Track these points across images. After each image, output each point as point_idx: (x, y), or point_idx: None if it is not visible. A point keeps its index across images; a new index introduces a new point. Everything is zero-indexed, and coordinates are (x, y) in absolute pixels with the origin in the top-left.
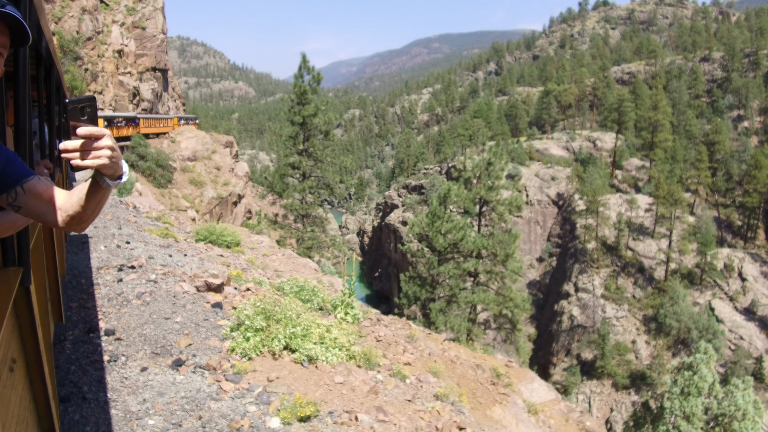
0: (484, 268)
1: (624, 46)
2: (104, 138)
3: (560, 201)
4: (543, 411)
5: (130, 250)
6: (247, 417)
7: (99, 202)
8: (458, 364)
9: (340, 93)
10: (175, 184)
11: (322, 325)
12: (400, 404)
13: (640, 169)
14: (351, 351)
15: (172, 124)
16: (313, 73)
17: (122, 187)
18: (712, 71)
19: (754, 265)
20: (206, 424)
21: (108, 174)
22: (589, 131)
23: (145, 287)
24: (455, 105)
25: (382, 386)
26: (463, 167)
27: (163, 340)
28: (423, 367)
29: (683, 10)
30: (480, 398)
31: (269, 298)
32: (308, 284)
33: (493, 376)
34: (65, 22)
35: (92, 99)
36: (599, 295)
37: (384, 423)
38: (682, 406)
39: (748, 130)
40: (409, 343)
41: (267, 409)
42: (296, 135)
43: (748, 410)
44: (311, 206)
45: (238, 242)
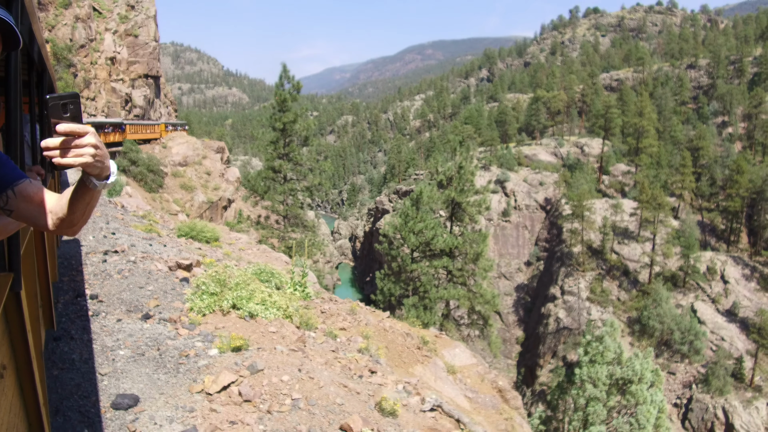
0: (456, 266)
1: (613, 54)
2: (87, 136)
3: (548, 206)
4: (461, 372)
5: (115, 239)
6: (194, 349)
7: (88, 204)
8: (390, 332)
9: (334, 99)
10: (166, 188)
11: (265, 291)
12: (323, 351)
13: (626, 174)
14: (288, 311)
15: (159, 130)
16: (293, 82)
17: (112, 188)
18: (698, 78)
19: (736, 268)
20: (163, 353)
21: (94, 174)
22: (577, 137)
23: (125, 266)
24: (447, 111)
25: (312, 339)
26: (436, 171)
27: (136, 302)
28: (356, 332)
29: (672, 18)
30: (404, 359)
31: (225, 272)
32: (268, 268)
33: (421, 342)
34: (59, 29)
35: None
36: (585, 297)
37: (296, 353)
38: (590, 372)
39: (732, 136)
40: (349, 315)
41: (210, 345)
42: (277, 140)
43: (645, 375)
44: (292, 207)
45: (217, 238)
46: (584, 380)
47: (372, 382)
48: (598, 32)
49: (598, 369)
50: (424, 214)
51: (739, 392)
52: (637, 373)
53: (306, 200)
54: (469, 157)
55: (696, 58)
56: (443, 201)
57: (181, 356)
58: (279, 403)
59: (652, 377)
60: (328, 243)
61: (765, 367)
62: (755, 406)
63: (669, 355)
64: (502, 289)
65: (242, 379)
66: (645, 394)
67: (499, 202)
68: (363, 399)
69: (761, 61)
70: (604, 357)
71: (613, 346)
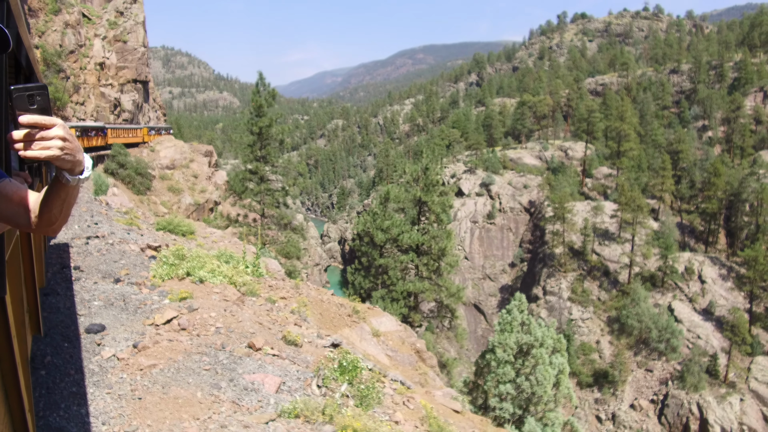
0: (422, 261)
1: (599, 59)
2: (54, 128)
3: (532, 208)
4: (385, 336)
5: (97, 228)
6: (151, 300)
7: (65, 201)
8: (326, 303)
9: (325, 103)
10: (154, 191)
11: (215, 263)
12: (257, 309)
13: (608, 177)
14: (233, 279)
15: (142, 135)
16: (269, 89)
17: (98, 188)
18: (680, 83)
19: (713, 268)
20: (127, 303)
21: (66, 168)
22: (562, 141)
23: (103, 247)
24: (436, 115)
25: (252, 302)
26: (404, 171)
27: (110, 271)
28: (295, 300)
29: (658, 23)
30: (335, 323)
31: (184, 249)
32: (229, 252)
33: (352, 311)
34: (48, 35)
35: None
36: (566, 297)
37: (227, 302)
38: (500, 339)
39: (711, 140)
40: (293, 289)
41: (164, 298)
42: (254, 143)
43: (546, 341)
44: (268, 206)
45: (193, 231)
46: (496, 346)
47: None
48: (586, 37)
49: (507, 336)
50: (391, 212)
51: (713, 388)
52: (539, 339)
53: (282, 200)
54: (435, 159)
55: (679, 63)
56: (410, 200)
57: (140, 305)
58: (206, 330)
59: (553, 344)
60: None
61: (738, 363)
62: (729, 402)
63: (647, 353)
64: (487, 290)
65: (182, 316)
66: (544, 357)
67: (484, 204)
68: (273, 333)
69: (741, 67)
70: (512, 326)
71: (519, 317)
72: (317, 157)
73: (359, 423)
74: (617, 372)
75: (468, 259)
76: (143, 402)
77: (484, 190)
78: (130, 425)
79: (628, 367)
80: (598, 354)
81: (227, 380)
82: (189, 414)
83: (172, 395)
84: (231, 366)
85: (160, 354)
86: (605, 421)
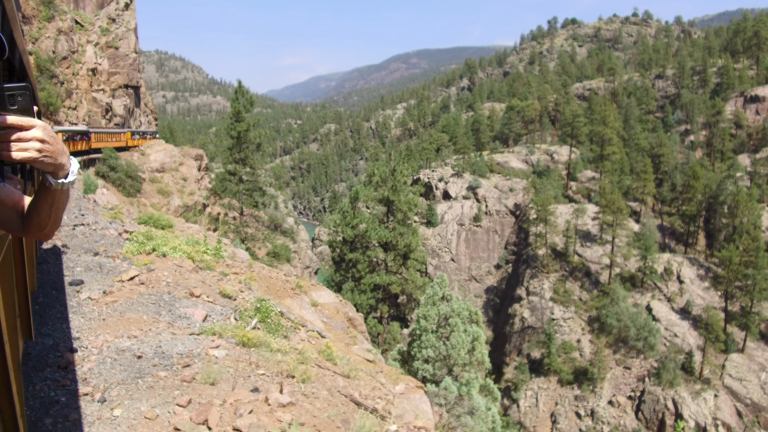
0: (389, 257)
1: (587, 64)
2: (33, 129)
3: (517, 211)
4: (322, 306)
5: (83, 218)
6: (121, 267)
7: (52, 206)
8: (274, 279)
9: (318, 108)
10: (144, 193)
11: (176, 240)
12: (208, 277)
13: (591, 180)
14: (191, 255)
15: (125, 139)
16: (247, 96)
17: (87, 187)
18: (665, 88)
19: (691, 269)
20: (102, 268)
21: (48, 171)
22: (548, 145)
23: (87, 231)
24: (427, 120)
25: (205, 272)
26: (373, 173)
27: (91, 248)
28: (246, 275)
29: (647, 29)
30: (279, 294)
31: (153, 232)
32: (196, 238)
33: (295, 286)
34: (42, 42)
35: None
36: (548, 298)
37: (185, 272)
38: (424, 312)
39: (693, 144)
40: (247, 268)
41: (131, 264)
42: (233, 147)
43: (462, 312)
44: (246, 205)
45: (171, 225)
46: (420, 318)
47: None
48: (576, 42)
49: (429, 309)
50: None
51: (689, 384)
52: (455, 310)
53: (260, 199)
54: (402, 161)
55: (664, 69)
56: (378, 199)
57: (112, 269)
58: (158, 283)
59: (470, 315)
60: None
61: (714, 360)
62: (703, 397)
63: (626, 351)
64: (473, 291)
65: (142, 275)
66: (459, 325)
67: (471, 207)
68: (213, 289)
69: (723, 72)
70: (434, 300)
71: (440, 293)
72: (310, 161)
73: (254, 336)
74: (596, 369)
75: (454, 261)
76: (106, 321)
77: (470, 194)
78: (95, 333)
79: (607, 364)
80: (578, 352)
81: (167, 311)
82: (136, 327)
83: (126, 317)
84: (171, 303)
85: (121, 296)
86: (584, 417)
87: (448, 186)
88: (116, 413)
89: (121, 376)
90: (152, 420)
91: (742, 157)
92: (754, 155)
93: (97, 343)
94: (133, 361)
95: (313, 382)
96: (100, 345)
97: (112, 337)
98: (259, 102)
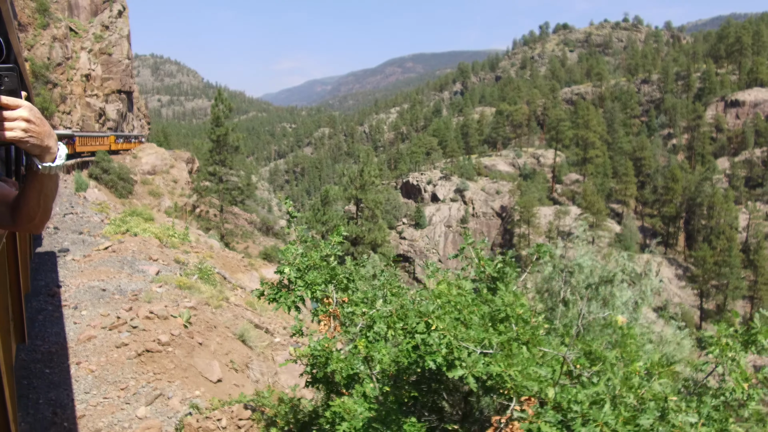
0: (357, 250)
1: (576, 69)
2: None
3: (503, 213)
4: (268, 279)
5: (73, 210)
6: (99, 241)
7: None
8: (230, 258)
9: (313, 111)
10: (136, 195)
11: (149, 226)
12: (171, 252)
13: (575, 183)
14: (158, 235)
15: (108, 143)
16: (226, 102)
17: (78, 186)
18: (651, 92)
19: (670, 268)
20: (84, 242)
21: (35, 153)
22: (535, 148)
23: (75, 218)
24: (419, 124)
25: (169, 249)
26: (343, 173)
27: (77, 229)
28: (204, 253)
29: (637, 34)
30: (233, 270)
31: (127, 217)
32: (167, 225)
33: (248, 264)
34: (37, 49)
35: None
36: (531, 297)
37: (147, 242)
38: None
39: (675, 147)
40: (208, 249)
41: (108, 240)
42: (213, 149)
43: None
44: (225, 203)
45: (152, 218)
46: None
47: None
48: (567, 48)
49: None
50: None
51: None
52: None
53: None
54: (370, 162)
55: (650, 74)
56: (347, 198)
57: (92, 243)
58: (126, 252)
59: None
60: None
61: None
62: None
63: None
64: None
65: (114, 245)
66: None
67: (458, 209)
68: (170, 257)
69: (705, 77)
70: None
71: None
72: (304, 164)
73: (190, 283)
74: None
75: (441, 262)
76: (83, 272)
77: (458, 196)
78: (75, 278)
79: None
80: None
81: (129, 267)
82: (105, 276)
83: (98, 270)
84: (133, 263)
85: (96, 258)
86: None
87: (436, 189)
88: (83, 313)
89: (90, 298)
90: (105, 316)
91: (722, 160)
92: (734, 158)
93: (75, 283)
94: (99, 292)
95: (223, 309)
96: (77, 284)
97: (87, 280)
98: (255, 106)
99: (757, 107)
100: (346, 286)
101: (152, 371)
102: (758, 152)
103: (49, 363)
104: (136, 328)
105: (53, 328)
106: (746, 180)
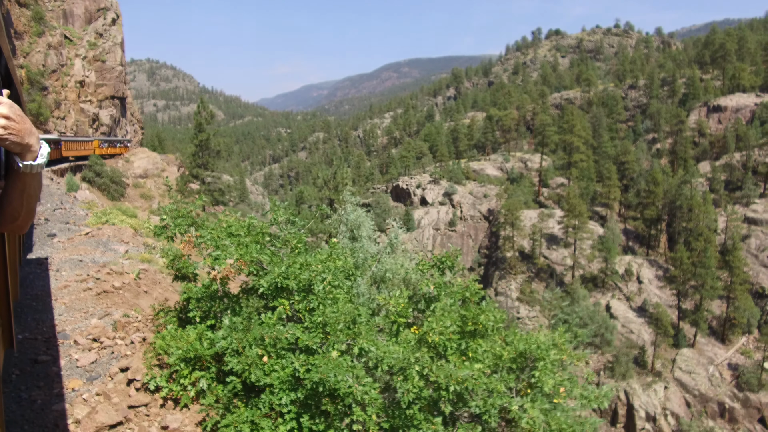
0: None
1: (566, 74)
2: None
3: (490, 216)
4: None
5: (62, 205)
6: (82, 229)
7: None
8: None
9: (309, 116)
10: (128, 197)
11: (124, 216)
12: (143, 239)
13: (561, 187)
14: (132, 225)
15: (93, 147)
16: (208, 110)
17: (70, 187)
18: (638, 98)
19: (650, 270)
20: (70, 229)
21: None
22: (523, 153)
23: (64, 213)
24: (412, 129)
25: (143, 237)
26: (317, 176)
27: (65, 221)
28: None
29: (628, 40)
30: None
31: (108, 209)
32: (144, 219)
33: None
34: (32, 56)
35: None
36: (515, 298)
37: (125, 233)
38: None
39: (659, 152)
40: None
41: (89, 228)
42: (195, 153)
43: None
44: (207, 203)
45: (136, 216)
46: None
47: None
48: (559, 53)
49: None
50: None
51: (641, 377)
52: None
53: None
54: (343, 165)
55: (637, 79)
56: (321, 198)
57: (76, 230)
58: (103, 236)
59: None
60: None
61: (665, 355)
62: (654, 389)
63: (584, 346)
64: None
65: (94, 231)
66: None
67: (446, 213)
68: (140, 242)
69: (689, 83)
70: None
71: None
72: (298, 169)
73: (153, 258)
74: None
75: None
76: (66, 249)
77: (446, 200)
78: (59, 254)
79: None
80: None
81: (103, 246)
82: (84, 252)
83: (78, 248)
84: (107, 243)
85: (77, 240)
86: None
87: (425, 192)
88: (63, 274)
89: (70, 266)
90: (79, 276)
91: (704, 164)
92: (715, 162)
93: (59, 256)
94: (77, 262)
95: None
96: (61, 257)
97: (69, 255)
98: (251, 111)
99: (739, 112)
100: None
101: (106, 304)
102: (738, 156)
103: (36, 300)
104: (99, 279)
105: (40, 282)
106: (726, 183)
